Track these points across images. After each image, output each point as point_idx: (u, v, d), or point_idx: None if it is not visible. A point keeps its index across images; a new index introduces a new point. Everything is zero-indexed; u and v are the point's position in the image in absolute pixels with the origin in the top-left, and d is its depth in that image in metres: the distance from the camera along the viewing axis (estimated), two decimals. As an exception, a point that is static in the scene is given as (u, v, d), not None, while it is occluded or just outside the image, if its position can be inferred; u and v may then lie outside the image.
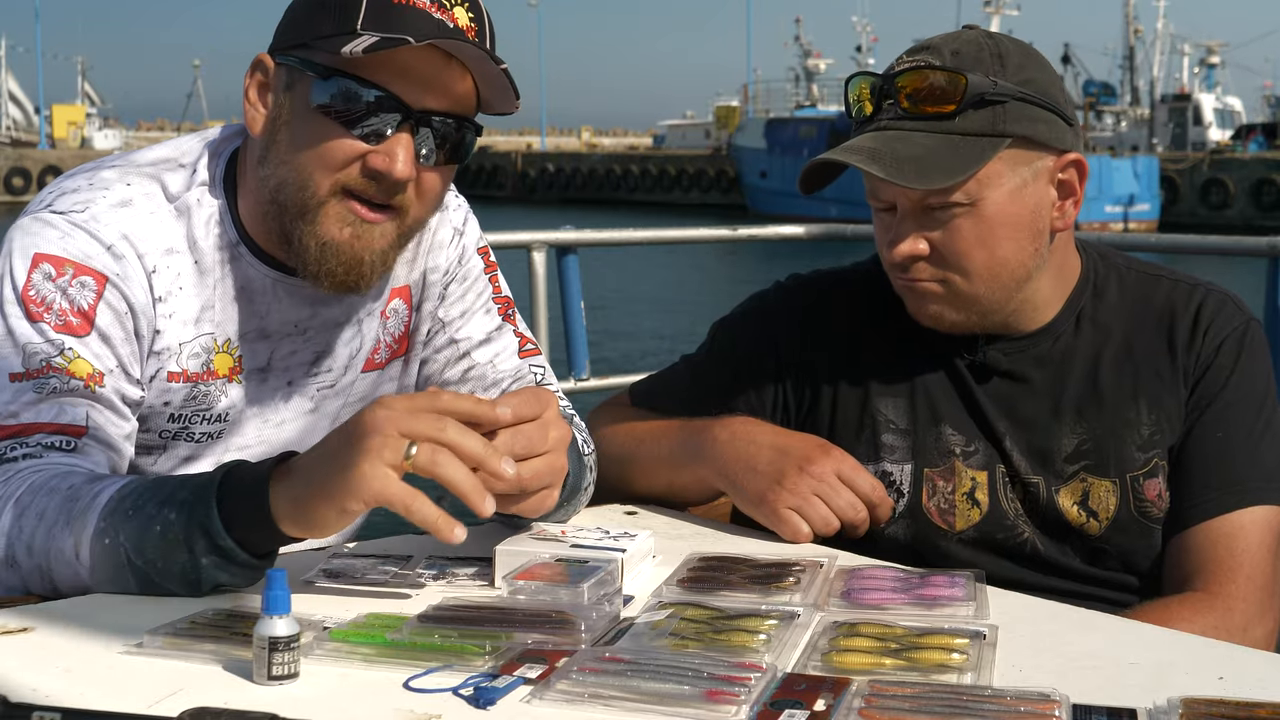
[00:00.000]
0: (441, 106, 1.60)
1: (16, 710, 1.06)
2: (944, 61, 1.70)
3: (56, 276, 1.59)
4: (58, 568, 1.46)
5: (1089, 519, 1.77)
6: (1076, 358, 1.81)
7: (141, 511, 1.42)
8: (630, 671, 1.15)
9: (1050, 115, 1.72)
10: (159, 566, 1.41)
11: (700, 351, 2.01)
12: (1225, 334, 1.79)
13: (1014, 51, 1.73)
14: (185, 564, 1.40)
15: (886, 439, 1.83)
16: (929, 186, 1.67)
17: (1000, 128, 1.69)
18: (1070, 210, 1.77)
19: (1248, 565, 1.68)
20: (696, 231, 5.88)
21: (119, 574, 1.43)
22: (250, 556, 1.40)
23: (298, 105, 1.60)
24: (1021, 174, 1.71)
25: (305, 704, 1.12)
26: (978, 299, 1.75)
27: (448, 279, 1.88)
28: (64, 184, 1.68)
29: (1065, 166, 1.75)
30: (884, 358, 1.86)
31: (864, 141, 1.72)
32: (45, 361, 1.57)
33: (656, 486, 1.87)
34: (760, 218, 39.40)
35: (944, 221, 1.71)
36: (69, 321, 1.59)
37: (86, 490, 1.47)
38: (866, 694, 1.12)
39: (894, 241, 1.74)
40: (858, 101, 1.78)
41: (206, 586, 1.42)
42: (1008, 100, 1.69)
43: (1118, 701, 1.13)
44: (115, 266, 1.61)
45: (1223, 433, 1.75)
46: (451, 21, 1.57)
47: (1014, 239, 1.73)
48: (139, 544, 1.41)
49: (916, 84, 1.71)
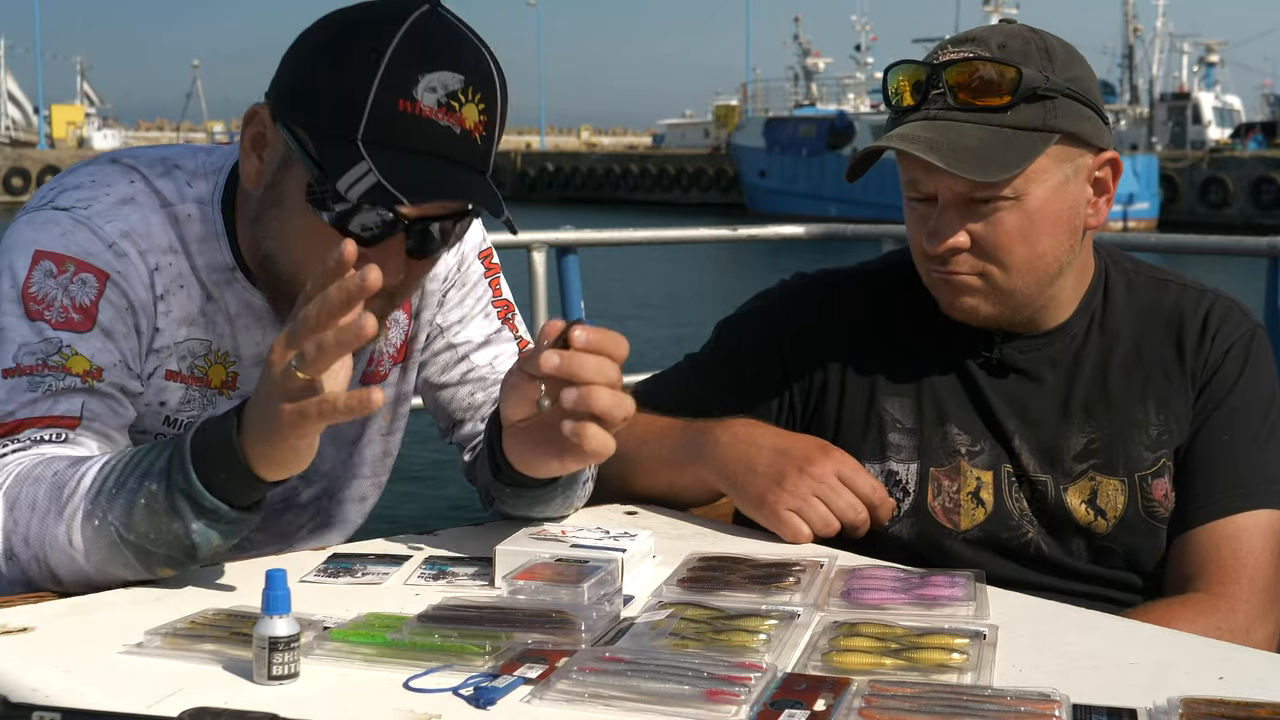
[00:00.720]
0: (438, 213, 1.55)
1: (16, 710, 1.06)
2: (992, 53, 1.70)
3: (58, 273, 1.58)
4: (54, 556, 1.46)
5: (1097, 518, 1.77)
6: (1086, 358, 1.81)
7: (124, 488, 1.42)
8: (630, 671, 1.15)
9: (1092, 113, 1.73)
10: (152, 538, 1.41)
11: (705, 351, 2.01)
12: (1233, 339, 1.80)
13: (1059, 48, 1.74)
14: (177, 531, 1.41)
15: (892, 438, 1.83)
16: (987, 179, 1.67)
17: (1050, 123, 1.69)
18: (1103, 208, 1.78)
19: (1250, 567, 1.69)
20: (696, 231, 5.88)
21: (114, 553, 1.44)
22: (237, 511, 1.41)
23: (291, 189, 1.55)
24: (1065, 170, 1.72)
25: (305, 704, 1.12)
26: (1014, 293, 1.75)
27: (446, 286, 1.87)
28: (66, 180, 1.67)
29: (1102, 165, 1.76)
30: (890, 357, 1.86)
31: (917, 130, 1.70)
32: (43, 359, 1.56)
33: (657, 487, 1.87)
34: (759, 217, 39.42)
35: (987, 214, 1.71)
36: (70, 318, 1.58)
37: (71, 475, 1.47)
38: (866, 694, 1.12)
39: (936, 233, 1.73)
40: (897, 91, 1.76)
41: (204, 551, 1.43)
42: (1057, 96, 1.69)
43: (1118, 701, 1.13)
44: (117, 264, 1.61)
45: (1228, 436, 1.76)
46: (459, 126, 1.49)
47: (1053, 234, 1.73)
48: (128, 520, 1.41)
49: (966, 75, 1.70)
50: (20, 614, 1.36)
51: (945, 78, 1.71)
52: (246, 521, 1.43)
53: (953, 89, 1.70)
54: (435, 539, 1.67)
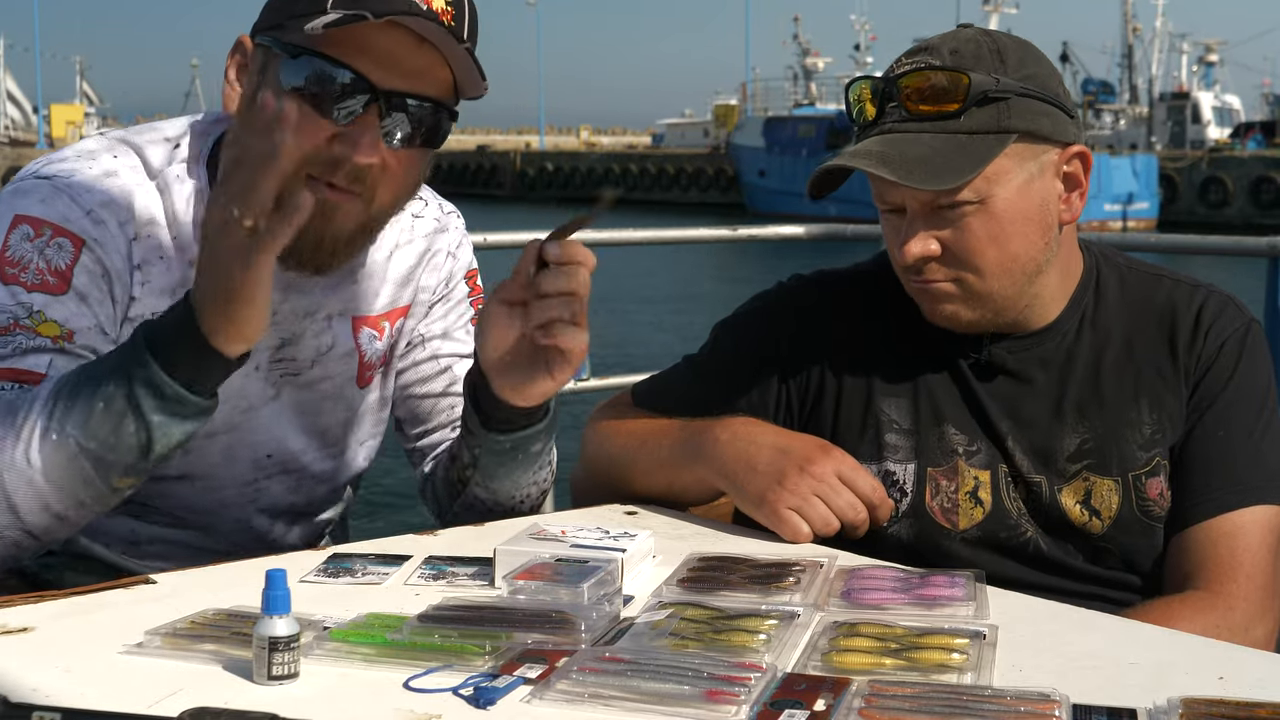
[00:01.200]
0: (413, 89, 1.58)
1: (16, 710, 1.06)
2: (944, 61, 1.71)
3: (35, 237, 1.60)
4: (11, 481, 1.46)
5: (1091, 518, 1.77)
6: (1078, 357, 1.81)
7: (78, 396, 1.43)
8: (630, 671, 1.15)
9: (1052, 109, 1.73)
10: (111, 443, 1.42)
11: (703, 351, 2.01)
12: (1227, 335, 1.79)
13: (1012, 47, 1.74)
14: (136, 429, 1.42)
15: (890, 439, 1.83)
16: (940, 187, 1.68)
17: (1005, 124, 1.69)
18: (1076, 202, 1.78)
19: (1248, 564, 1.69)
20: (696, 231, 5.87)
21: (72, 466, 1.44)
22: (197, 397, 1.43)
23: (269, 85, 1.59)
24: (1028, 169, 1.72)
25: (305, 704, 1.12)
26: (992, 296, 1.75)
27: (434, 299, 1.92)
28: (52, 155, 1.71)
29: (1070, 159, 1.76)
30: (887, 357, 1.86)
31: (870, 145, 1.72)
32: (13, 319, 1.57)
33: (657, 486, 1.87)
34: (759, 216, 39.41)
35: (954, 221, 1.72)
36: (45, 280, 1.59)
37: (23, 399, 1.48)
38: (866, 694, 1.12)
39: (905, 243, 1.74)
40: (859, 105, 1.78)
41: (160, 446, 1.44)
42: (1010, 96, 1.70)
43: (1118, 701, 1.13)
44: (94, 231, 1.62)
45: (1224, 432, 1.76)
46: (425, 3, 1.55)
47: (1024, 234, 1.73)
48: (85, 427, 1.42)
49: (919, 85, 1.71)
50: (20, 614, 1.36)
51: (899, 88, 1.72)
52: (207, 410, 1.45)
53: (906, 100, 1.72)
54: (435, 539, 1.67)
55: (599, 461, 1.95)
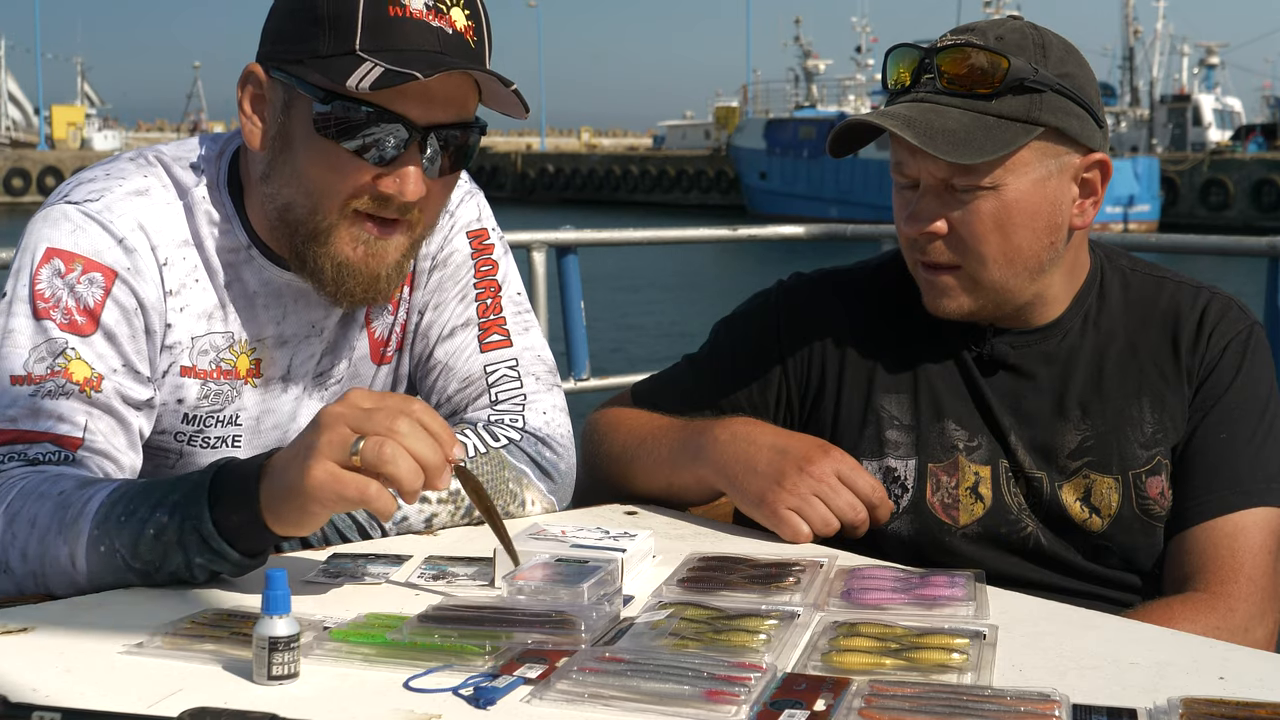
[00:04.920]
0: (447, 119, 1.58)
1: (16, 710, 1.06)
2: (987, 43, 1.71)
3: (65, 272, 1.60)
4: (53, 574, 1.47)
5: (1091, 515, 1.77)
6: (1081, 355, 1.81)
7: (134, 517, 1.43)
8: (630, 671, 1.15)
9: (1083, 112, 1.73)
10: (156, 565, 1.42)
11: (703, 350, 2.01)
12: (1230, 337, 1.80)
13: (1056, 44, 1.75)
14: (180, 563, 1.42)
15: (890, 435, 1.83)
16: (959, 160, 1.68)
17: (1035, 116, 1.70)
18: (1090, 210, 1.78)
19: (1249, 566, 1.69)
20: (696, 231, 5.87)
21: (118, 577, 1.45)
22: (243, 556, 1.41)
23: (298, 127, 1.58)
24: (1048, 166, 1.72)
25: (305, 704, 1.12)
26: (992, 285, 1.75)
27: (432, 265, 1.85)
28: (83, 174, 1.70)
29: (1090, 166, 1.76)
30: (887, 354, 1.87)
31: (900, 109, 1.72)
32: (49, 367, 1.57)
33: (656, 486, 1.87)
34: (760, 218, 39.43)
35: (965, 202, 1.72)
36: (74, 320, 1.59)
37: (77, 497, 1.47)
38: (866, 694, 1.12)
39: (915, 216, 1.75)
40: (895, 72, 1.79)
41: (201, 578, 1.43)
42: (1045, 90, 1.70)
43: (1118, 701, 1.13)
44: (126, 260, 1.62)
45: (1226, 434, 1.76)
46: (450, 27, 1.56)
47: (1029, 228, 1.73)
48: (134, 548, 1.42)
49: (958, 61, 1.72)
50: (20, 614, 1.36)
51: (938, 62, 1.73)
52: (249, 567, 1.43)
53: (943, 73, 1.72)
54: (435, 539, 1.67)
55: (599, 461, 1.95)
